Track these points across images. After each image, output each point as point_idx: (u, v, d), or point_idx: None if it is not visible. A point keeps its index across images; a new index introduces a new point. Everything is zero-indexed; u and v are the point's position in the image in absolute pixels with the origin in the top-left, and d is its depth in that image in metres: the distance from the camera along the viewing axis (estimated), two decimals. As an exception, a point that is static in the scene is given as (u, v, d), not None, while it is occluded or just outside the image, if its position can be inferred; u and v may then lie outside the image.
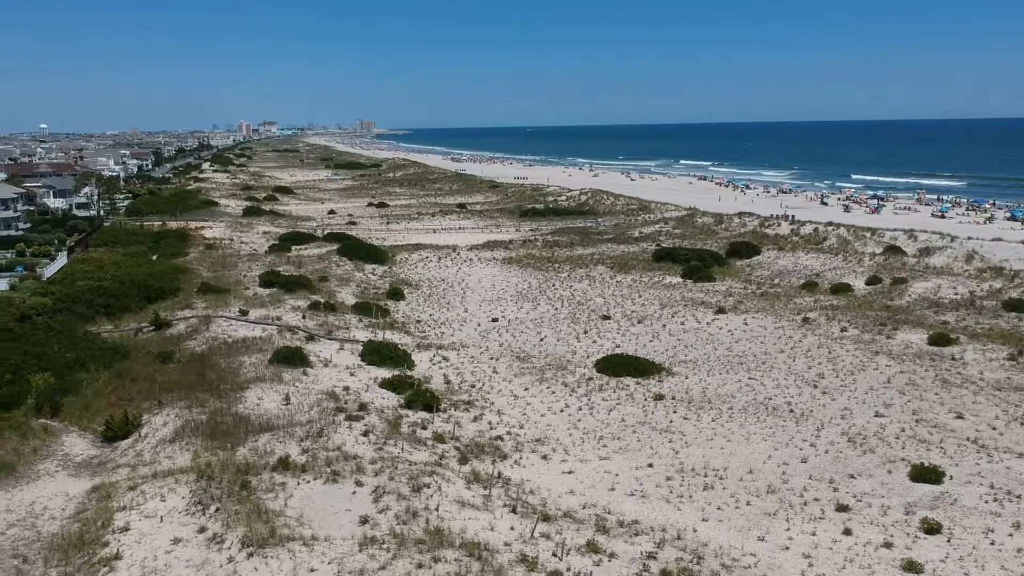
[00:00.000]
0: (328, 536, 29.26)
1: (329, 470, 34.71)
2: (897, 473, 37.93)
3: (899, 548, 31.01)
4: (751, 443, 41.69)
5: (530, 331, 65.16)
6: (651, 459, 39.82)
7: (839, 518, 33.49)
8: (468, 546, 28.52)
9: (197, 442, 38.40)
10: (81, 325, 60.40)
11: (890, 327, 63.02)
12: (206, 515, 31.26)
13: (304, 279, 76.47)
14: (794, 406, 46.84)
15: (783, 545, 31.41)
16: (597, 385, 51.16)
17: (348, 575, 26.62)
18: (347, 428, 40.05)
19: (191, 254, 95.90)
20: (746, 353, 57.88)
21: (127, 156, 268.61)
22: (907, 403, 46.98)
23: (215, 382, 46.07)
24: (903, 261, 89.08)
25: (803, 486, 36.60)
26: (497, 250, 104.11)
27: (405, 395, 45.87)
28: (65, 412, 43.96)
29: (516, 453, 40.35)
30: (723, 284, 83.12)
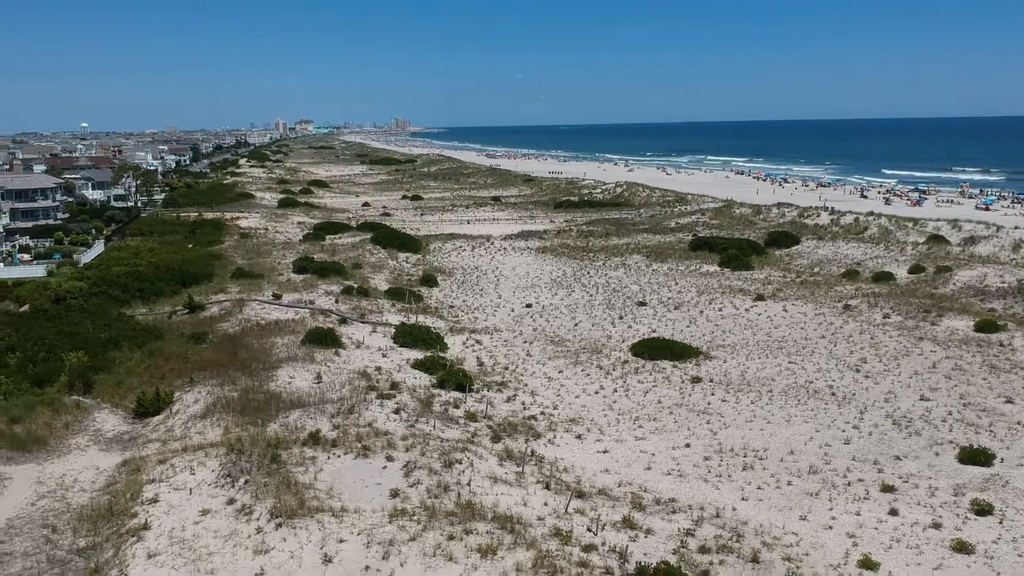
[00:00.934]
0: (358, 508, 28.67)
1: (360, 445, 34.14)
2: (945, 455, 36.61)
3: (948, 529, 29.82)
4: (792, 425, 40.53)
5: (564, 316, 64.30)
6: (688, 440, 38.84)
7: (884, 499, 32.31)
8: (500, 519, 27.78)
9: (228, 418, 38.03)
10: (116, 308, 60.47)
11: (934, 314, 61.33)
12: (235, 487, 30.83)
13: (337, 265, 76.21)
14: (836, 389, 45.57)
15: (826, 524, 30.35)
16: (633, 368, 50.20)
17: (378, 545, 25.98)
18: (378, 406, 39.47)
19: (226, 243, 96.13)
20: (786, 338, 56.58)
21: (165, 152, 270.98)
22: (953, 387, 45.52)
23: (247, 361, 45.75)
24: (947, 250, 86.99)
25: (846, 467, 35.43)
26: (532, 240, 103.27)
27: (437, 375, 45.24)
28: (97, 389, 43.87)
29: (550, 432, 39.56)
30: (761, 272, 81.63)
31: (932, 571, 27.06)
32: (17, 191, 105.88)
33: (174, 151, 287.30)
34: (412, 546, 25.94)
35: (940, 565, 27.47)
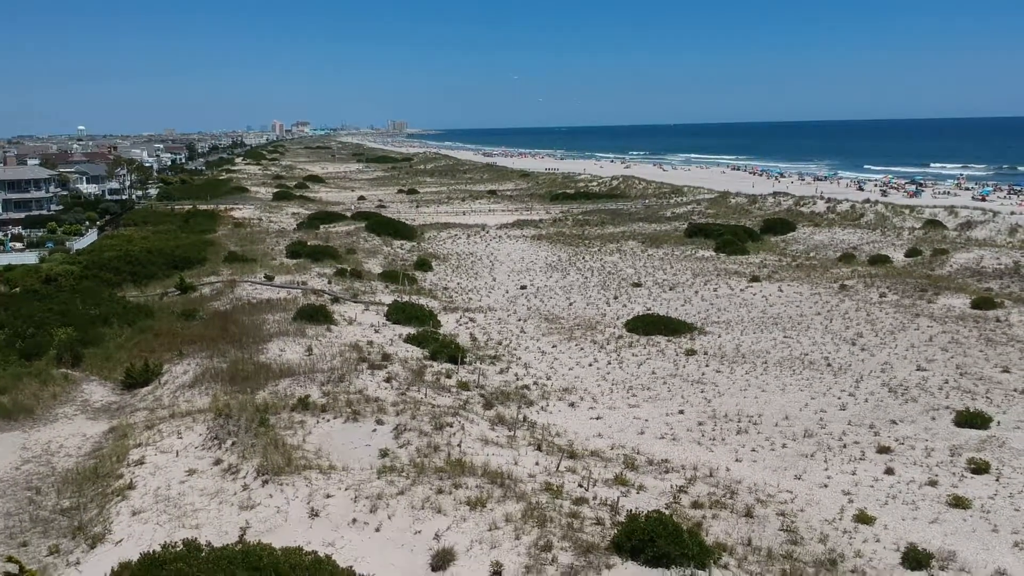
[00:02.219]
0: (346, 466, 28.25)
1: (350, 410, 33.74)
2: (941, 420, 36.25)
3: (944, 487, 29.44)
4: (787, 393, 40.15)
5: (559, 296, 63.91)
6: (682, 407, 38.44)
7: (880, 459, 31.93)
8: (490, 475, 27.36)
9: (216, 387, 37.60)
10: (107, 290, 59.99)
11: (931, 292, 61.00)
12: (222, 449, 30.42)
13: (331, 249, 75.80)
14: (831, 360, 45.21)
15: (821, 483, 29.97)
16: (627, 342, 49.81)
17: (365, 500, 25.55)
18: (369, 375, 39.05)
19: (219, 231, 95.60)
20: (781, 315, 56.22)
21: (160, 150, 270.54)
22: (950, 359, 45.16)
23: (237, 336, 45.30)
24: (943, 235, 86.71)
25: (842, 431, 35.05)
26: (527, 228, 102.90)
27: (430, 348, 44.79)
28: (86, 363, 43.42)
29: (543, 400, 39.15)
30: (757, 257, 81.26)
31: (928, 524, 26.68)
32: (10, 181, 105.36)
33: (170, 150, 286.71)
34: (400, 500, 25.51)
35: (936, 519, 27.10)
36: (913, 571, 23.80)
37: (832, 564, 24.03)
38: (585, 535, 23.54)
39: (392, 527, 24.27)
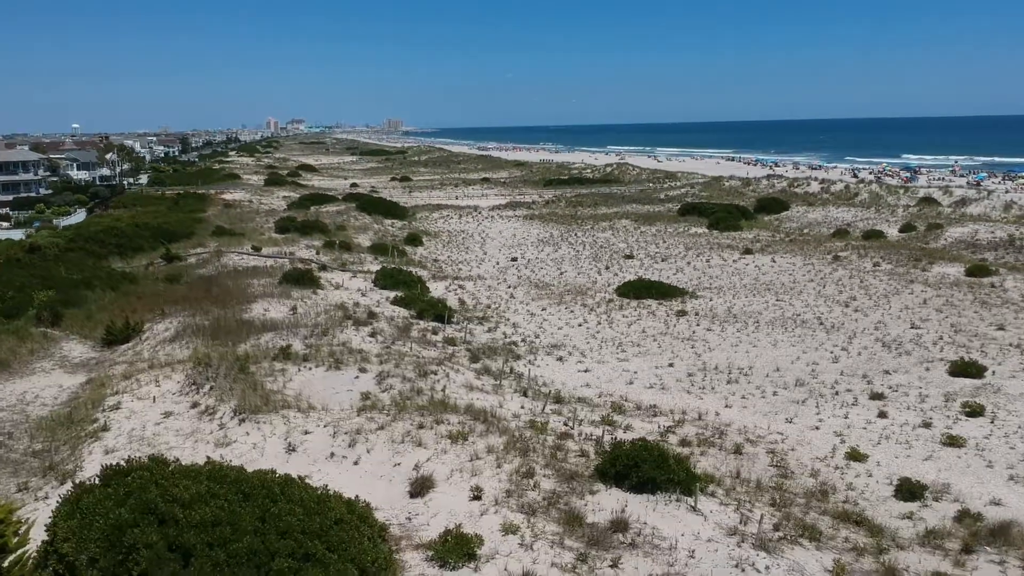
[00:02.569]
0: (326, 406, 27.55)
1: (332, 359, 32.99)
2: (935, 370, 35.63)
3: (939, 428, 28.82)
4: (778, 348, 39.53)
5: (550, 267, 63.25)
6: (672, 361, 37.80)
7: (874, 404, 31.30)
8: (473, 412, 26.69)
9: (198, 341, 36.83)
10: (92, 260, 59.18)
11: (925, 262, 60.47)
12: (200, 393, 29.71)
13: (320, 224, 75.05)
14: (824, 320, 44.62)
15: (812, 426, 29.34)
16: (617, 305, 49.15)
17: (344, 435, 24.86)
18: (354, 330, 38.36)
19: (209, 212, 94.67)
20: (774, 282, 55.60)
21: (153, 142, 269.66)
22: (944, 319, 44.59)
23: (221, 297, 44.52)
24: (938, 211, 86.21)
25: (834, 380, 34.44)
26: (519, 209, 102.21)
27: (416, 308, 44.06)
28: (66, 322, 42.63)
29: (530, 355, 38.48)
30: (750, 233, 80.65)
31: (922, 461, 26.06)
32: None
33: (163, 142, 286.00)
34: (380, 435, 24.83)
35: (930, 456, 26.49)
36: (906, 502, 23.17)
37: (823, 495, 23.40)
38: (568, 465, 22.91)
39: (371, 460, 23.58)
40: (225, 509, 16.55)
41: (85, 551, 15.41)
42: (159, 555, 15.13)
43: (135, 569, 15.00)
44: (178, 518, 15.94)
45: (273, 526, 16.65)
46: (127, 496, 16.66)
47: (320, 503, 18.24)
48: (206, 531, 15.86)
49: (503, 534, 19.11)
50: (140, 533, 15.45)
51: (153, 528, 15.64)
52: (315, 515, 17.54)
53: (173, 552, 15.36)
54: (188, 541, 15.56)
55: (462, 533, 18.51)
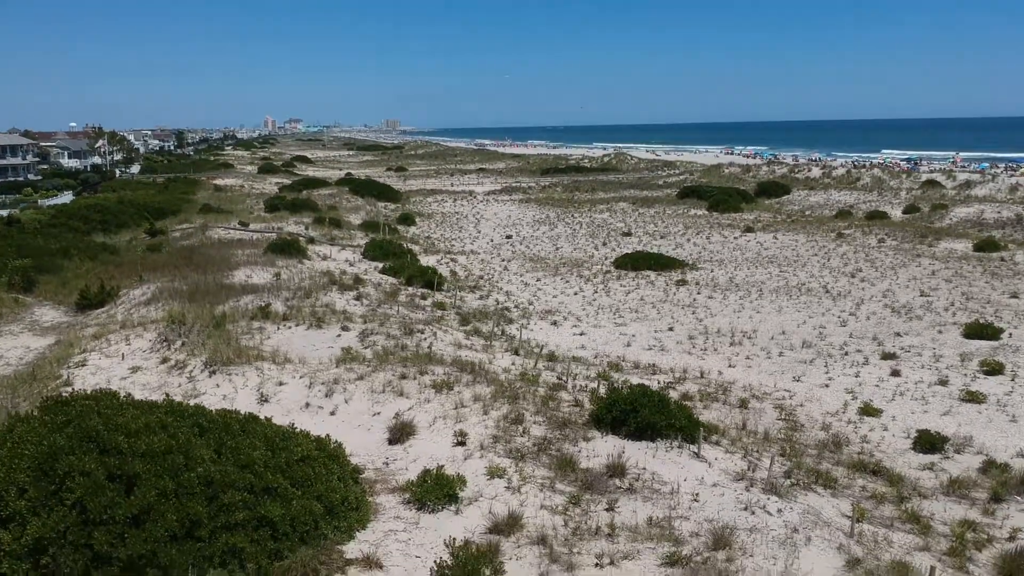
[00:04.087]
0: (303, 359, 25.78)
1: (314, 318, 31.21)
2: (949, 333, 33.93)
3: (956, 385, 27.07)
4: (783, 314, 37.81)
5: (546, 244, 61.50)
6: (672, 325, 36.04)
7: (886, 364, 29.58)
8: (460, 364, 24.94)
9: (174, 303, 35.02)
10: (73, 235, 57.34)
11: (931, 238, 58.77)
12: (171, 349, 27.91)
13: (310, 202, 73.29)
14: (830, 289, 42.92)
15: (822, 384, 27.62)
16: (615, 276, 47.39)
17: (321, 385, 23.14)
18: (338, 294, 36.62)
19: (199, 195, 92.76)
20: (776, 256, 53.88)
21: (148, 136, 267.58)
22: (954, 288, 42.90)
23: (202, 264, 42.74)
24: (942, 193, 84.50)
25: (843, 342, 32.73)
26: (515, 194, 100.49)
27: (405, 275, 42.30)
28: (40, 289, 40.91)
29: (523, 320, 36.72)
30: (751, 214, 78.85)
31: (940, 416, 24.31)
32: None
33: (158, 137, 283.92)
34: (359, 384, 23.09)
35: (948, 412, 24.76)
36: (926, 454, 21.43)
37: (836, 446, 21.66)
38: (561, 413, 21.17)
39: (349, 410, 21.84)
40: (177, 439, 14.80)
41: (14, 482, 13.66)
42: (97, 484, 13.36)
43: (68, 498, 13.25)
44: (122, 448, 14.18)
45: (231, 458, 14.91)
46: (66, 424, 14.91)
47: (285, 439, 16.50)
48: (154, 461, 14.10)
49: (488, 478, 17.39)
50: (76, 460, 13.69)
51: (92, 457, 13.88)
52: (279, 451, 15.79)
53: (114, 483, 13.61)
54: (132, 469, 13.80)
55: (443, 474, 16.77)
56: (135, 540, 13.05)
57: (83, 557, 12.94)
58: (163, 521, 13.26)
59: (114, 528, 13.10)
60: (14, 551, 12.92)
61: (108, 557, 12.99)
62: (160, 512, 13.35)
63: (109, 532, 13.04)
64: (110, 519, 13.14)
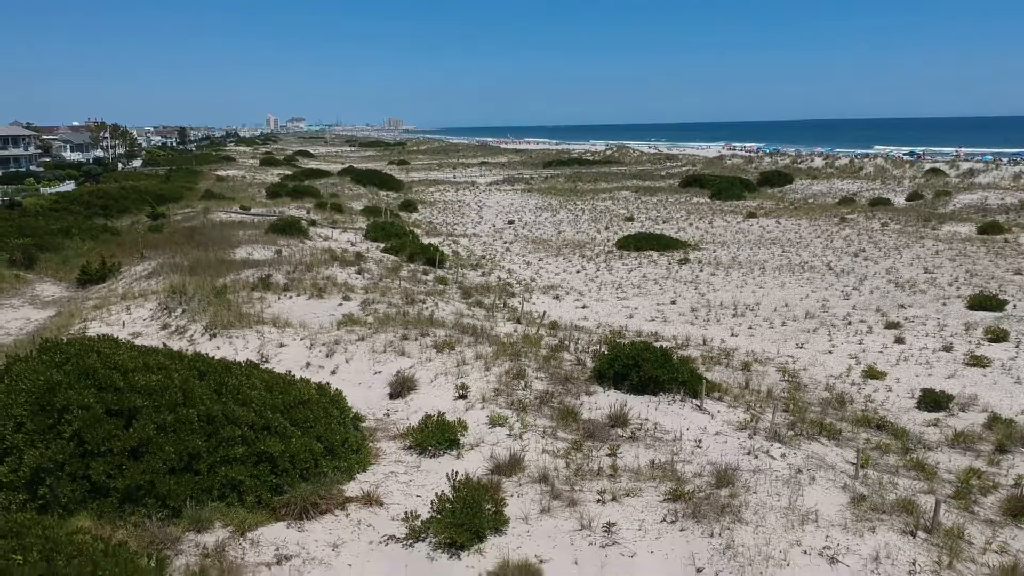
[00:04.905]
0: (304, 324, 25.67)
1: (315, 289, 31.11)
2: (953, 305, 33.76)
3: (960, 351, 26.90)
4: (786, 288, 37.67)
5: (548, 228, 61.33)
6: (674, 299, 35.90)
7: (890, 333, 29.43)
8: (462, 327, 24.83)
9: (175, 276, 34.90)
10: (75, 218, 57.26)
11: (935, 222, 58.59)
12: (171, 316, 27.81)
13: (312, 189, 73.23)
14: (834, 266, 42.75)
15: (825, 350, 27.47)
16: (617, 256, 47.26)
17: (322, 346, 23.04)
18: (340, 268, 36.50)
19: (201, 185, 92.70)
20: (779, 238, 53.71)
21: (151, 132, 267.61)
22: (958, 266, 42.73)
23: (204, 243, 42.63)
24: (945, 181, 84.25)
25: (846, 313, 32.56)
26: (518, 184, 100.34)
27: (407, 252, 42.18)
28: (41, 266, 40.84)
29: (525, 294, 36.58)
30: (753, 202, 78.65)
31: (944, 379, 24.12)
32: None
33: (160, 133, 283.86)
34: (360, 345, 22.98)
35: (953, 375, 24.60)
36: (930, 412, 21.28)
37: (840, 404, 21.52)
38: (563, 370, 21.03)
39: (350, 369, 21.72)
40: (175, 379, 14.70)
41: (11, 416, 13.57)
42: (95, 417, 13.26)
43: (66, 431, 13.15)
44: (119, 385, 14.08)
45: (231, 397, 14.81)
46: (64, 362, 14.82)
47: (286, 384, 16.41)
48: (152, 397, 14.00)
49: (490, 426, 17.28)
50: (74, 394, 13.61)
51: (90, 392, 13.79)
52: (279, 394, 15.70)
53: (113, 418, 13.50)
54: (131, 403, 13.70)
55: (444, 420, 16.65)
56: (133, 471, 12.96)
57: (81, 488, 12.87)
58: (161, 454, 13.17)
59: (112, 460, 13.01)
60: (11, 482, 12.84)
61: (106, 488, 12.91)
62: (158, 445, 13.27)
63: (107, 463, 12.96)
64: (108, 451, 13.06)
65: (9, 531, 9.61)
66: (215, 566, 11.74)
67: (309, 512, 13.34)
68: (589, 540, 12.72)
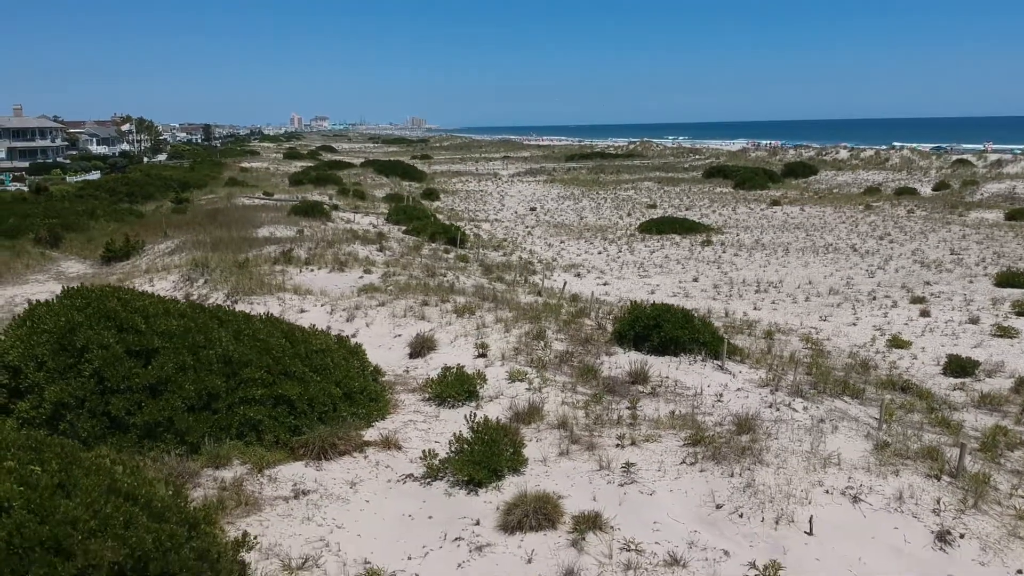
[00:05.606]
0: (325, 291, 25.74)
1: (337, 263, 31.17)
2: (980, 282, 33.34)
3: (987, 323, 26.53)
4: (810, 268, 37.36)
5: (570, 214, 61.22)
6: (697, 277, 35.68)
7: (915, 307, 29.09)
8: (481, 293, 24.79)
9: (198, 252, 35.13)
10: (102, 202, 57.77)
11: (962, 208, 57.91)
12: (193, 287, 27.99)
13: (335, 177, 73.47)
14: (858, 248, 42.32)
15: (850, 323, 27.18)
16: (640, 238, 47.04)
17: (343, 312, 23.07)
18: (361, 245, 36.55)
19: (225, 175, 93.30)
20: (804, 223, 53.29)
21: (176, 128, 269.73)
22: (985, 248, 42.16)
23: (226, 223, 42.89)
24: (973, 172, 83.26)
25: (871, 289, 32.22)
26: (540, 176, 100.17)
27: (428, 232, 42.19)
28: (66, 244, 41.20)
29: (546, 271, 36.47)
30: (777, 191, 78.08)
31: (971, 349, 23.80)
32: (15, 130, 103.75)
33: (185, 130, 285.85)
34: (381, 310, 23.01)
35: (980, 344, 24.27)
36: (956, 377, 20.98)
37: (864, 368, 21.27)
38: (583, 333, 20.93)
39: (370, 333, 21.71)
40: (196, 322, 14.74)
41: (33, 356, 13.63)
42: (115, 355, 13.31)
43: (87, 369, 13.20)
44: (140, 327, 14.12)
45: (250, 343, 14.82)
46: (85, 306, 14.87)
47: (306, 333, 16.42)
48: (172, 339, 14.03)
49: (509, 381, 17.21)
50: (94, 334, 13.65)
51: (111, 333, 13.84)
52: (299, 343, 15.70)
53: (132, 359, 13.54)
54: (151, 344, 13.74)
55: (463, 372, 16.60)
56: (152, 408, 12.99)
57: (100, 423, 12.91)
58: (181, 392, 13.20)
59: (132, 397, 13.05)
60: (32, 418, 12.89)
61: (125, 424, 12.95)
62: (178, 383, 13.29)
63: (127, 400, 12.99)
64: (128, 388, 13.09)
65: (28, 446, 9.62)
66: (233, 498, 11.75)
67: (327, 453, 13.33)
68: (608, 479, 12.62)
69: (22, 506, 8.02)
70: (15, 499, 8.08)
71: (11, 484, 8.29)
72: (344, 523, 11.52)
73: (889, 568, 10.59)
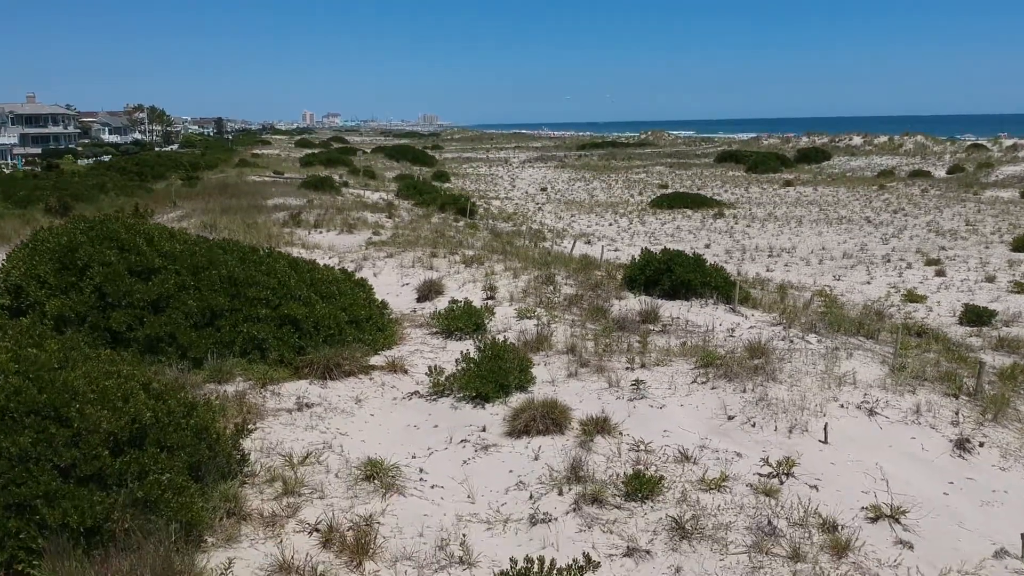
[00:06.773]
0: (332, 246, 25.57)
1: (345, 226, 31.01)
2: (996, 248, 32.94)
3: (1003, 281, 26.15)
4: (823, 236, 37.00)
5: (582, 193, 60.93)
6: (709, 244, 35.38)
7: (931, 268, 28.73)
8: (491, 247, 24.54)
9: (206, 217, 35.00)
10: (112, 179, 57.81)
11: (976, 187, 57.35)
12: (202, 245, 27.76)
13: (346, 159, 73.39)
14: (872, 220, 41.90)
15: (864, 282, 26.84)
16: (651, 212, 46.73)
17: (351, 263, 22.85)
18: (370, 213, 36.38)
19: (236, 160, 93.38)
20: (816, 201, 52.85)
21: (188, 121, 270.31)
22: (1001, 221, 41.68)
23: (236, 194, 42.79)
24: (988, 156, 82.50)
25: (885, 254, 31.85)
26: (551, 162, 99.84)
27: (437, 204, 41.99)
28: (76, 214, 41.01)
29: (557, 239, 36.22)
30: (790, 175, 77.51)
31: (987, 303, 23.41)
32: (28, 116, 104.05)
33: (197, 123, 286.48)
34: (388, 261, 22.86)
35: (996, 299, 23.88)
36: (972, 326, 20.65)
37: (879, 317, 20.92)
38: (593, 280, 20.67)
39: (378, 282, 21.31)
40: (200, 248, 14.58)
41: (35, 276, 13.47)
42: (116, 272, 13.13)
43: (88, 286, 13.02)
44: (142, 249, 13.94)
45: (255, 268, 14.63)
46: (89, 228, 14.71)
47: (312, 264, 16.24)
48: (175, 260, 13.86)
49: (518, 319, 16.98)
50: (96, 251, 13.49)
51: (113, 252, 13.67)
52: (305, 272, 15.51)
53: (134, 277, 13.36)
54: (151, 263, 13.57)
55: (471, 305, 16.38)
56: (154, 323, 12.81)
57: (102, 338, 12.72)
58: (183, 308, 13.02)
59: (133, 312, 12.86)
60: (33, 333, 12.71)
61: (127, 339, 12.76)
62: (180, 300, 13.12)
63: (128, 315, 12.81)
64: (129, 304, 12.91)
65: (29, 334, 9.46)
66: (234, 407, 11.55)
67: (332, 372, 13.11)
68: (617, 395, 12.38)
69: (21, 374, 7.86)
70: (11, 372, 7.92)
71: (6, 357, 8.13)
72: (348, 432, 11.32)
73: (907, 472, 10.31)
